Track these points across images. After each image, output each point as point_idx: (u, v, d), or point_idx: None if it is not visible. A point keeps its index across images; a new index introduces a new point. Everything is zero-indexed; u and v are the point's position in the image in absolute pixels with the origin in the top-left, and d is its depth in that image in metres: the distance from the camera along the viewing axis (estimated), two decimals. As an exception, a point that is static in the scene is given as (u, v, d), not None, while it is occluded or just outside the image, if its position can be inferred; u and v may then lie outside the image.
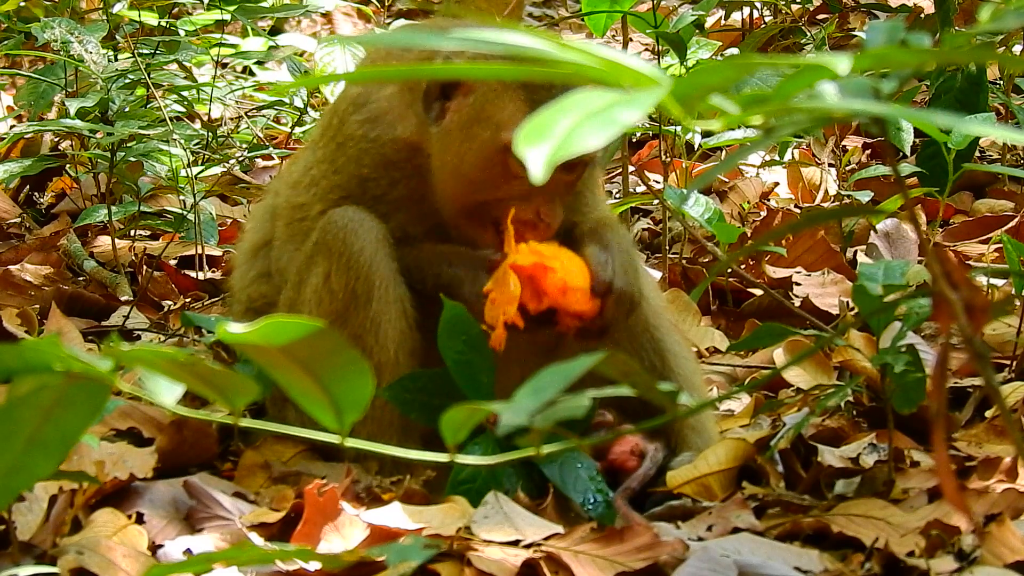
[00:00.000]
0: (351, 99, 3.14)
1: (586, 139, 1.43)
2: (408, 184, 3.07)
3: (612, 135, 1.43)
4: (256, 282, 3.28)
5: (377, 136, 3.09)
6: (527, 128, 1.43)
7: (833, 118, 1.58)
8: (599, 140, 1.43)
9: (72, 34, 5.20)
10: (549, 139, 1.42)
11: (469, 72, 1.70)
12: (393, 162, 3.08)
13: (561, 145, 1.41)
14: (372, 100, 3.12)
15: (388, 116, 3.09)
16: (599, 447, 2.99)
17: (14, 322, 4.12)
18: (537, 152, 1.41)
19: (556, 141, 1.42)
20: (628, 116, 1.44)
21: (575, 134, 1.42)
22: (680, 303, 4.30)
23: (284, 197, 3.23)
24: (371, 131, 3.10)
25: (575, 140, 1.42)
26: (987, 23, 1.64)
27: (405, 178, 3.07)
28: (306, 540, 2.61)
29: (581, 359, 1.92)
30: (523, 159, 1.41)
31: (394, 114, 3.09)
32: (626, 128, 1.44)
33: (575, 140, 1.42)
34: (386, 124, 3.09)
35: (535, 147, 1.42)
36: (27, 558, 2.57)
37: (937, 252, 1.73)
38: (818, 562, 2.50)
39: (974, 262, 4.78)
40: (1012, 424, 1.91)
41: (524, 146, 1.42)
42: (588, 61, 1.52)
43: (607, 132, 1.43)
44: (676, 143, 5.43)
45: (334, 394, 1.87)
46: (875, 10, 8.05)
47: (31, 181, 6.13)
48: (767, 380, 3.61)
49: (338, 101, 3.20)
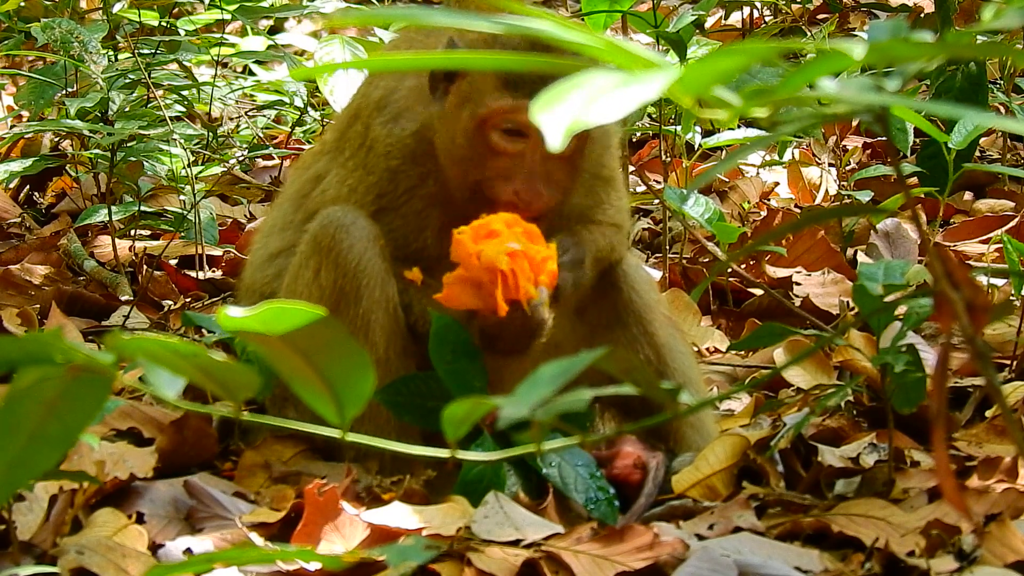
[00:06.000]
0: (374, 103, 3.17)
1: (601, 111, 1.44)
2: (438, 179, 3.09)
3: (626, 110, 1.44)
4: (273, 280, 3.28)
5: (400, 131, 3.13)
6: (543, 96, 1.45)
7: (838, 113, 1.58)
8: (614, 113, 1.44)
9: (72, 34, 5.20)
10: (565, 108, 1.43)
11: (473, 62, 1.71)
12: (418, 155, 3.10)
13: (577, 115, 1.42)
14: (393, 100, 3.16)
15: (408, 111, 3.14)
16: (601, 461, 2.98)
17: (14, 322, 4.12)
18: (552, 118, 1.42)
19: (572, 111, 1.43)
20: (642, 94, 1.45)
21: (591, 106, 1.44)
22: (680, 303, 4.30)
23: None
24: (394, 128, 3.13)
25: (591, 112, 1.43)
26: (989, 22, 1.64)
27: (433, 172, 3.09)
28: (306, 540, 2.61)
29: (582, 355, 1.92)
30: (539, 125, 1.43)
31: (413, 108, 3.13)
32: (641, 104, 1.45)
33: (591, 112, 1.43)
34: (407, 119, 3.13)
35: (551, 114, 1.43)
36: (27, 558, 2.57)
37: (938, 252, 1.73)
38: (818, 562, 2.50)
39: (974, 262, 4.78)
40: (1012, 424, 1.91)
41: (540, 112, 1.43)
42: (599, 45, 1.53)
43: (622, 107, 1.44)
44: (676, 143, 5.43)
45: (335, 387, 1.87)
46: (875, 10, 8.06)
47: (31, 181, 6.14)
48: (767, 380, 3.61)
49: (359, 107, 3.22)
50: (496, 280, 2.85)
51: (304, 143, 6.55)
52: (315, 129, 6.54)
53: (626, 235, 3.31)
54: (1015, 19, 1.59)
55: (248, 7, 6.16)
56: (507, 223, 2.89)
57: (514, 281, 2.86)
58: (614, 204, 3.25)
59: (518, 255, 2.86)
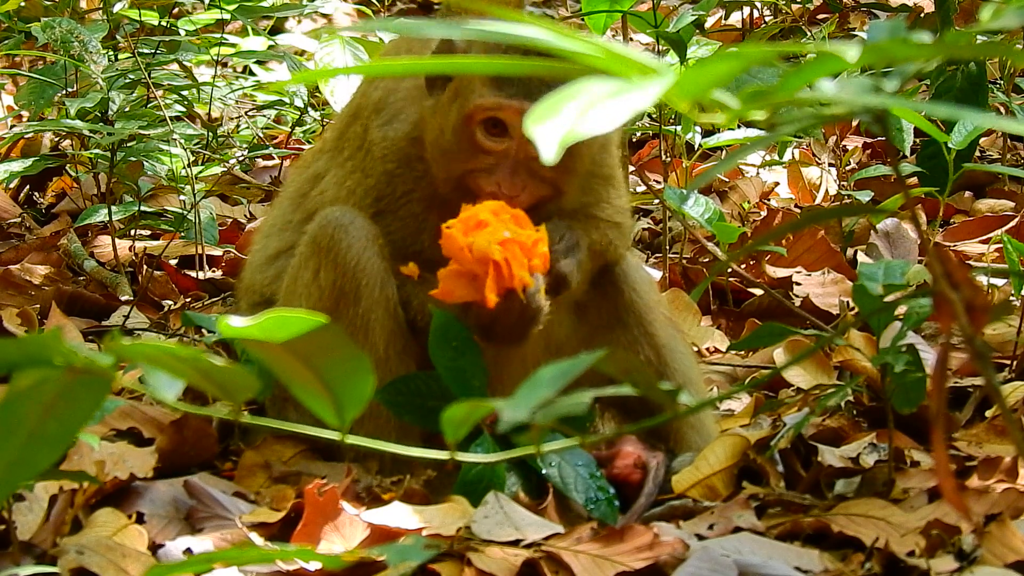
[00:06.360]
0: (373, 104, 3.18)
1: (595, 122, 1.43)
2: (433, 182, 3.09)
3: (621, 119, 1.44)
4: (273, 281, 3.28)
5: (395, 134, 3.13)
6: (538, 108, 1.44)
7: (836, 114, 1.58)
8: (608, 123, 1.43)
9: (72, 34, 5.20)
10: (559, 119, 1.42)
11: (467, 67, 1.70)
12: (413, 158, 3.10)
13: (571, 126, 1.42)
14: (391, 101, 3.16)
15: (403, 114, 3.14)
16: (601, 460, 2.98)
17: (14, 322, 4.12)
18: (546, 131, 1.42)
19: (566, 122, 1.42)
20: (637, 102, 1.44)
21: (585, 116, 1.43)
22: (680, 303, 4.30)
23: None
24: (390, 130, 3.14)
25: (585, 122, 1.43)
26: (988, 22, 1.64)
27: (428, 174, 3.09)
28: (306, 540, 2.61)
29: (582, 357, 1.92)
30: (533, 137, 1.42)
31: (407, 110, 3.13)
32: (635, 113, 1.45)
33: (585, 122, 1.43)
34: (401, 121, 3.13)
35: (545, 126, 1.42)
36: (27, 558, 2.57)
37: (938, 252, 1.73)
38: (818, 562, 2.50)
39: (974, 262, 4.78)
40: (1012, 424, 1.91)
41: (534, 124, 1.43)
42: (594, 52, 1.52)
43: (616, 116, 1.44)
44: (676, 143, 5.43)
45: (335, 390, 1.87)
46: (875, 10, 8.06)
47: (31, 181, 6.13)
48: (767, 380, 3.61)
49: (359, 107, 3.22)
50: (490, 271, 2.83)
51: (304, 143, 6.55)
52: (315, 129, 6.54)
53: (627, 234, 3.30)
54: (1014, 19, 1.59)
55: (248, 7, 6.16)
56: (494, 211, 2.87)
57: (508, 270, 2.83)
58: (613, 203, 3.24)
59: (509, 243, 2.83)
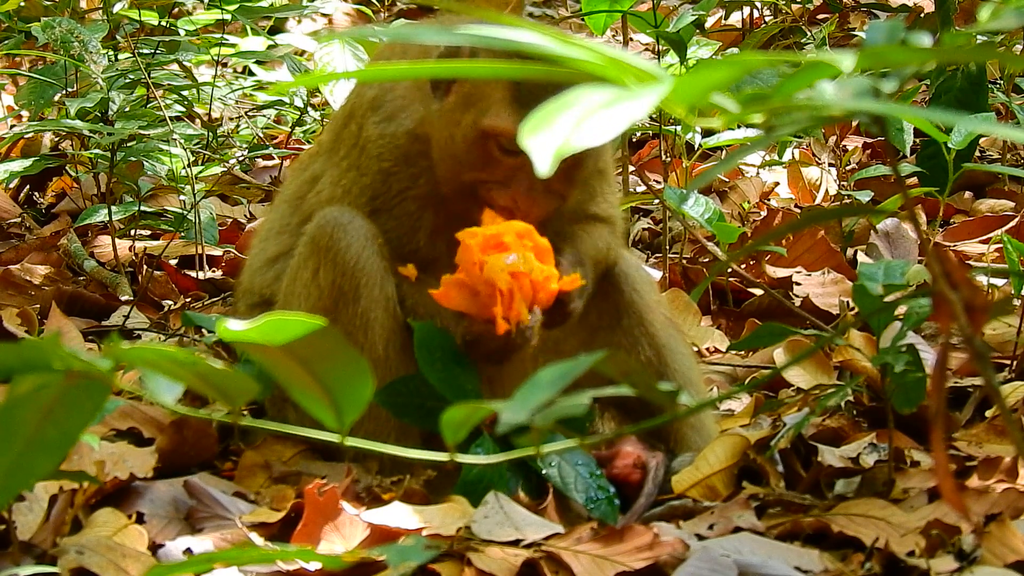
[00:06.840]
0: (368, 103, 3.17)
1: (591, 133, 1.42)
2: (430, 180, 3.08)
3: (617, 131, 1.43)
4: (272, 284, 3.28)
5: (394, 131, 3.12)
6: (532, 120, 1.43)
7: (834, 117, 1.58)
8: (604, 135, 1.42)
9: (72, 34, 5.20)
10: (554, 132, 1.41)
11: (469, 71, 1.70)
12: (411, 155, 3.10)
13: (566, 138, 1.41)
14: (388, 99, 3.16)
15: (402, 112, 3.13)
16: (601, 460, 2.98)
17: (14, 322, 4.12)
18: (541, 144, 1.41)
19: (561, 134, 1.41)
20: (633, 112, 1.43)
21: (580, 128, 1.42)
22: (680, 303, 4.31)
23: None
24: (387, 128, 3.13)
25: (580, 134, 1.41)
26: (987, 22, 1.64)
27: (426, 172, 3.09)
28: (306, 540, 2.61)
29: (581, 358, 1.92)
30: (527, 150, 1.41)
31: (408, 108, 3.13)
32: (631, 124, 1.44)
33: (580, 134, 1.41)
34: (400, 119, 3.13)
35: (539, 139, 1.41)
36: (27, 558, 2.57)
37: (937, 252, 1.73)
38: (818, 562, 2.50)
39: (974, 262, 4.78)
40: (1012, 424, 1.91)
41: (528, 137, 1.42)
42: (591, 58, 1.52)
43: (612, 127, 1.42)
44: (676, 143, 5.43)
45: (334, 393, 1.87)
46: (875, 10, 8.06)
47: (31, 181, 6.13)
48: (767, 380, 3.61)
49: (354, 106, 3.22)
50: (494, 295, 2.84)
51: (304, 143, 6.55)
52: (315, 129, 6.54)
53: (619, 230, 3.30)
54: (1013, 20, 1.59)
55: (248, 7, 6.16)
56: (519, 234, 2.88)
57: (510, 301, 2.85)
58: (607, 197, 3.26)
59: (521, 276, 2.85)
